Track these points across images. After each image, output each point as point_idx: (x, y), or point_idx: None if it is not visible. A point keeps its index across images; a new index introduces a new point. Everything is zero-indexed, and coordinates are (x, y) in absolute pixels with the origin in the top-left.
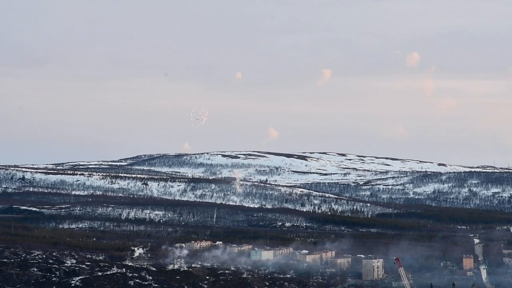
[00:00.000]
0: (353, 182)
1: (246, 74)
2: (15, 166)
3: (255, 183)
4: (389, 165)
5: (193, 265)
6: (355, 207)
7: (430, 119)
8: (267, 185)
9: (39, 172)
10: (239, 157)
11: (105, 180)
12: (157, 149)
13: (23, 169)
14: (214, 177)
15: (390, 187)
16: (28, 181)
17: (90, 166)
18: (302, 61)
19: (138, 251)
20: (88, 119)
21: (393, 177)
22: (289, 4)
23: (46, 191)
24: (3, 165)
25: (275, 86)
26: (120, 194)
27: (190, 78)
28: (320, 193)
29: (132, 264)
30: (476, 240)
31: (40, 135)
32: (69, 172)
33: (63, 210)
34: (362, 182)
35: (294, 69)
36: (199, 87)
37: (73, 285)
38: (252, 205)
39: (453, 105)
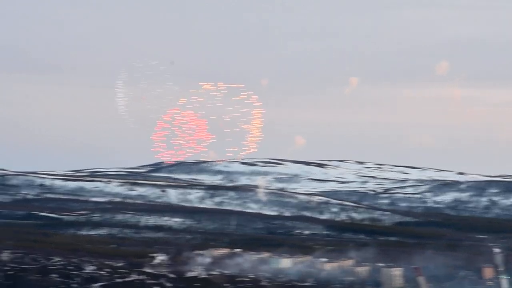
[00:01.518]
0: (372, 190)
1: (271, 80)
2: (34, 172)
3: (273, 190)
4: (408, 173)
5: (212, 273)
6: (373, 216)
7: (456, 128)
8: (285, 192)
9: (58, 179)
10: (257, 165)
11: (123, 187)
12: (174, 156)
13: (42, 176)
14: (232, 184)
15: (409, 195)
16: (47, 187)
17: (109, 173)
18: (328, 68)
19: (159, 258)
20: (107, 126)
21: (412, 186)
22: (315, 10)
23: (65, 197)
24: (23, 172)
25: (300, 93)
26: (139, 201)
27: (212, 84)
28: (339, 201)
29: (151, 271)
30: (497, 250)
31: (59, 142)
32: (88, 178)
33: (82, 216)
34: (381, 190)
35: (320, 76)
36: (221, 94)
37: None
38: (270, 213)
39: (477, 113)
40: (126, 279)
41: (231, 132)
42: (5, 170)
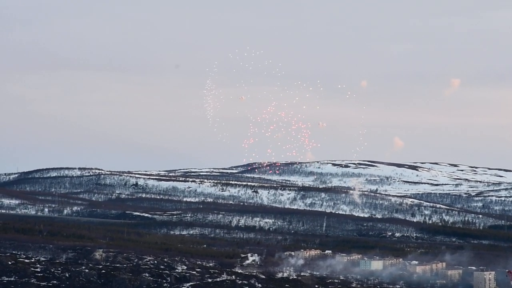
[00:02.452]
0: (465, 193)
1: (371, 82)
2: (129, 172)
3: (365, 192)
4: (502, 176)
5: (302, 274)
6: (466, 218)
7: None
8: (377, 194)
9: (152, 179)
10: (349, 166)
11: (216, 187)
12: (268, 157)
13: (136, 176)
14: (324, 185)
15: (503, 198)
16: (141, 187)
17: (201, 173)
18: (429, 70)
19: (252, 258)
20: (202, 127)
21: (506, 189)
22: (413, 12)
23: (158, 197)
24: (117, 171)
25: (400, 95)
26: (231, 202)
27: (308, 86)
28: (431, 204)
29: (242, 272)
30: None
31: (153, 142)
32: (181, 179)
33: (175, 216)
34: (474, 193)
35: (421, 78)
36: (319, 95)
37: None
38: (362, 215)
39: None
40: (217, 279)
41: (326, 134)
42: (100, 169)
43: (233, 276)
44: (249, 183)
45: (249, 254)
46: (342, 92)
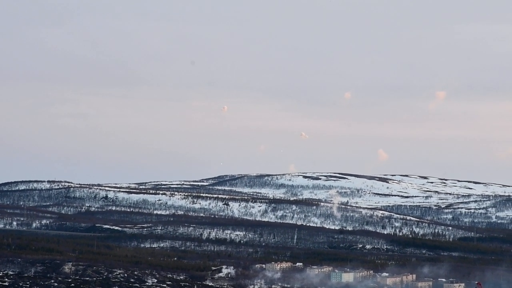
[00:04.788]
0: (435, 205)
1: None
2: (99, 185)
3: (333, 204)
4: (471, 188)
5: (273, 286)
6: (436, 231)
7: None
8: (348, 207)
9: (122, 191)
10: (320, 179)
11: (186, 200)
12: (239, 169)
13: (106, 188)
14: (295, 198)
15: (472, 210)
16: (111, 200)
17: (172, 186)
18: (400, 82)
19: (226, 271)
20: (171, 139)
21: (475, 201)
22: (397, 24)
23: (128, 210)
24: (87, 184)
25: (371, 107)
26: (202, 214)
27: (287, 98)
28: (402, 216)
29: (212, 284)
30: None
31: (123, 155)
32: (151, 191)
33: (145, 229)
34: (444, 206)
35: (391, 91)
36: (301, 107)
37: None
38: (332, 227)
39: None
40: None
41: (299, 145)
42: (69, 182)
43: None
44: (220, 196)
45: (224, 267)
46: (325, 104)
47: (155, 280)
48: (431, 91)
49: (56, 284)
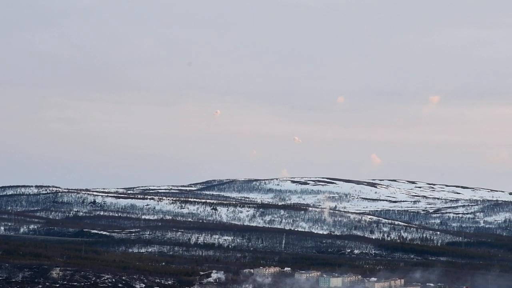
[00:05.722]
0: (423, 210)
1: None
2: (87, 190)
3: (324, 209)
4: (459, 193)
5: None
6: (424, 235)
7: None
8: (336, 211)
9: (110, 196)
10: (308, 183)
11: (175, 205)
12: (227, 174)
13: (94, 193)
14: (283, 202)
15: (460, 215)
16: (98, 205)
17: (160, 191)
18: (389, 87)
19: (215, 275)
20: (159, 144)
21: (463, 206)
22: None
23: (116, 215)
24: (75, 189)
25: (362, 112)
26: (190, 219)
27: (280, 103)
28: (390, 221)
29: None
30: None
31: (111, 159)
32: (139, 196)
33: (133, 234)
34: (432, 210)
35: (379, 95)
36: (294, 112)
37: None
38: (321, 232)
39: None
40: None
41: (291, 150)
42: (57, 187)
43: None
44: (208, 200)
45: (213, 271)
46: (318, 109)
47: (143, 285)
48: (424, 96)
49: None
